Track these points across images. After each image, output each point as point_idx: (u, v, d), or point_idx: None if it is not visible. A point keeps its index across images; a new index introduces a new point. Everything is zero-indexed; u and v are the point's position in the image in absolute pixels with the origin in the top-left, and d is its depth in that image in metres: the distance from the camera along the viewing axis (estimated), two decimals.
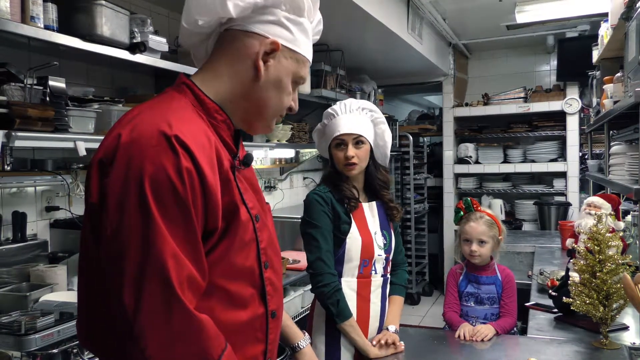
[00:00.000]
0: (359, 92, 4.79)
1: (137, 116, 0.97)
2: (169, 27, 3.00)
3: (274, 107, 1.10)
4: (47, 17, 1.88)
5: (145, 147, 0.90)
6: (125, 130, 0.94)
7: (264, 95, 1.07)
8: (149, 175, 0.88)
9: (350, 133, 1.89)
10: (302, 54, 1.10)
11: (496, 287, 2.30)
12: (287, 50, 1.07)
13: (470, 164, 5.95)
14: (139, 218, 0.88)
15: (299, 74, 1.11)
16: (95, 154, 0.97)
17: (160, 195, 0.88)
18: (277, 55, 1.05)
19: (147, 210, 0.87)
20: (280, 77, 1.07)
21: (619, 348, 1.84)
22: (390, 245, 1.98)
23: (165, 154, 0.90)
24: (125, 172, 0.89)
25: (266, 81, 1.06)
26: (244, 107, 1.08)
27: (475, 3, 4.39)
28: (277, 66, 1.06)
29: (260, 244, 1.07)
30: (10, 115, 1.77)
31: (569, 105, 5.47)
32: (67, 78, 2.09)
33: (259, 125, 1.13)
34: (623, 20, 2.63)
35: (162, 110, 0.97)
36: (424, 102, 8.67)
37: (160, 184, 0.89)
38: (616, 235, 1.88)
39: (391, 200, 2.02)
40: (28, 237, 2.26)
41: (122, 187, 0.89)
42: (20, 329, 1.67)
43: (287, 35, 1.06)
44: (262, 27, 1.04)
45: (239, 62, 1.05)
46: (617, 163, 2.69)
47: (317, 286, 1.84)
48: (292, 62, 1.08)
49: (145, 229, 0.87)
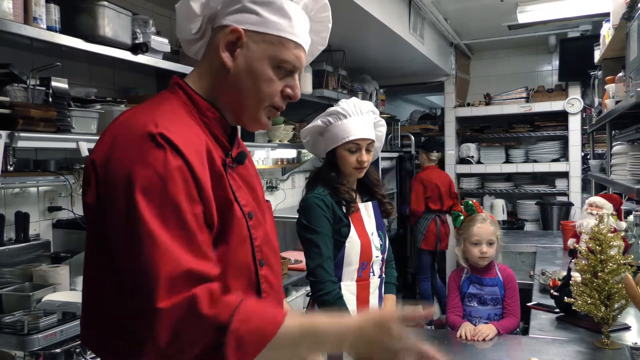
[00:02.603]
0: (361, 93, 4.79)
1: (128, 118, 0.99)
2: (171, 28, 3.00)
3: (253, 97, 1.06)
4: (49, 18, 1.89)
5: (132, 148, 0.91)
6: (115, 132, 0.96)
7: (239, 85, 1.05)
8: (138, 176, 0.89)
9: (367, 138, 1.89)
10: (277, 34, 1.03)
11: (499, 287, 2.29)
12: (256, 34, 1.03)
13: (472, 164, 5.95)
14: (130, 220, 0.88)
15: (278, 57, 1.04)
16: (90, 155, 0.99)
17: (150, 194, 0.89)
18: (245, 42, 1.03)
19: (136, 211, 0.87)
20: (251, 64, 1.03)
21: (620, 348, 1.84)
22: (385, 246, 1.98)
23: (152, 153, 0.90)
24: (116, 174, 0.90)
25: (237, 70, 1.04)
26: (227, 101, 1.08)
27: (476, 3, 4.39)
28: (246, 53, 1.03)
29: (254, 241, 1.07)
30: (13, 116, 1.78)
31: (571, 105, 5.46)
32: (70, 79, 2.10)
33: (245, 118, 1.10)
34: (625, 20, 2.63)
35: (151, 111, 0.99)
36: (426, 102, 8.67)
37: (150, 183, 0.89)
38: (618, 235, 1.88)
39: (384, 197, 2.03)
40: (31, 237, 2.27)
41: (114, 190, 0.90)
42: (23, 329, 1.67)
43: (253, 19, 1.02)
44: (229, 18, 1.03)
45: (212, 57, 1.06)
46: (619, 163, 2.69)
47: (318, 294, 1.83)
48: (265, 45, 1.03)
49: (136, 230, 0.87)
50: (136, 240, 0.87)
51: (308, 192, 1.95)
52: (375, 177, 2.03)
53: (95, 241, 0.98)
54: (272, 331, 0.90)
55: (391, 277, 2.07)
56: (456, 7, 4.52)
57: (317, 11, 1.14)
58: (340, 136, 1.89)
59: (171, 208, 0.90)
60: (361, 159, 1.88)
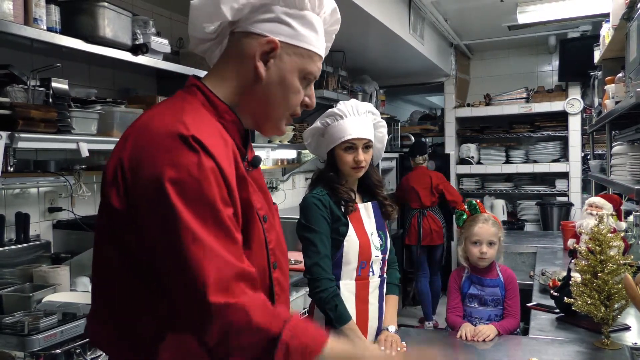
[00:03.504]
0: (361, 93, 4.79)
1: (152, 120, 0.97)
2: (171, 29, 3.01)
3: (281, 107, 1.08)
4: (49, 19, 1.89)
5: (164, 150, 0.90)
6: (140, 134, 0.94)
7: (269, 95, 1.06)
8: (174, 178, 0.88)
9: (362, 138, 1.90)
10: (307, 48, 1.06)
11: (499, 288, 2.29)
12: (289, 46, 1.04)
13: (472, 164, 5.95)
14: (169, 222, 0.88)
15: (306, 69, 1.07)
16: (111, 158, 0.97)
17: (187, 196, 0.88)
18: (278, 53, 1.04)
19: (175, 213, 0.87)
20: (283, 75, 1.05)
21: (620, 348, 1.84)
22: (386, 246, 1.99)
23: (186, 155, 0.90)
24: (149, 178, 0.89)
25: (269, 81, 1.05)
26: (251, 108, 1.07)
27: (476, 3, 4.39)
28: (279, 65, 1.04)
29: (269, 244, 1.08)
30: (14, 117, 1.78)
31: (571, 106, 5.47)
32: (70, 79, 2.10)
33: (267, 126, 1.11)
34: (624, 21, 2.63)
35: (174, 112, 0.97)
36: (426, 102, 8.67)
37: (186, 184, 0.89)
38: (617, 236, 1.88)
39: (385, 198, 2.03)
40: (31, 238, 2.27)
41: (149, 194, 0.89)
42: (24, 330, 1.67)
43: (287, 31, 1.03)
44: (261, 26, 1.03)
45: (241, 64, 1.05)
46: (619, 163, 2.69)
47: (314, 291, 1.85)
48: (296, 58, 1.05)
49: (177, 232, 0.87)
50: (178, 242, 0.87)
51: (308, 192, 1.97)
52: (377, 178, 2.03)
53: (117, 245, 0.97)
54: (317, 349, 0.94)
55: (393, 278, 2.07)
56: (456, 8, 4.53)
57: (331, 24, 1.16)
58: (337, 136, 1.91)
59: (209, 209, 0.90)
60: (357, 159, 1.89)
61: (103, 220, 0.99)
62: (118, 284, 0.98)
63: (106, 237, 0.99)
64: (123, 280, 0.97)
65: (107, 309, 1.02)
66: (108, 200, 0.95)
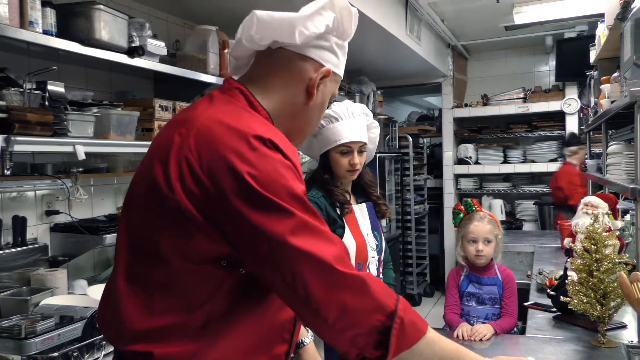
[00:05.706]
0: (358, 94, 4.80)
1: (214, 120, 0.97)
2: (167, 31, 3.02)
3: (314, 125, 1.18)
4: (45, 22, 1.89)
5: (243, 151, 0.92)
6: (209, 134, 0.95)
7: (310, 116, 1.14)
8: (257, 174, 0.91)
9: (358, 141, 1.90)
10: (340, 75, 1.16)
11: (497, 287, 2.30)
12: (333, 74, 1.13)
13: (470, 164, 5.96)
14: (274, 218, 0.90)
15: (335, 93, 1.17)
16: (158, 151, 0.99)
17: (272, 188, 0.91)
18: (326, 80, 1.11)
19: (270, 205, 0.90)
20: (325, 99, 1.14)
21: (616, 346, 1.85)
22: (381, 246, 1.99)
23: (266, 153, 0.93)
24: (230, 177, 0.90)
25: (315, 104, 1.12)
26: (288, 122, 1.11)
27: (473, 4, 4.40)
28: (324, 90, 1.12)
29: None
30: (10, 120, 1.78)
31: (568, 105, 5.48)
32: (66, 82, 2.11)
33: (298, 140, 1.18)
34: (619, 21, 2.64)
35: (238, 115, 1.00)
36: (424, 103, 8.68)
37: (270, 178, 0.91)
38: (612, 235, 1.88)
39: (379, 198, 2.04)
40: (28, 241, 2.27)
41: (234, 194, 0.90)
42: (21, 333, 1.67)
43: (334, 61, 1.12)
44: (317, 52, 1.09)
45: (293, 84, 1.09)
46: (615, 162, 2.70)
47: None
48: (334, 84, 1.15)
49: (286, 225, 0.91)
50: (287, 232, 0.90)
51: None
52: (369, 178, 2.04)
53: (179, 249, 0.96)
54: (423, 330, 0.96)
55: (389, 278, 2.08)
56: (452, 9, 4.53)
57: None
58: (332, 139, 1.91)
59: (299, 200, 0.94)
60: (353, 162, 1.89)
61: (156, 210, 0.96)
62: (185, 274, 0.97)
63: (148, 226, 0.98)
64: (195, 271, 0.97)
65: (166, 298, 0.99)
66: (166, 191, 0.94)
